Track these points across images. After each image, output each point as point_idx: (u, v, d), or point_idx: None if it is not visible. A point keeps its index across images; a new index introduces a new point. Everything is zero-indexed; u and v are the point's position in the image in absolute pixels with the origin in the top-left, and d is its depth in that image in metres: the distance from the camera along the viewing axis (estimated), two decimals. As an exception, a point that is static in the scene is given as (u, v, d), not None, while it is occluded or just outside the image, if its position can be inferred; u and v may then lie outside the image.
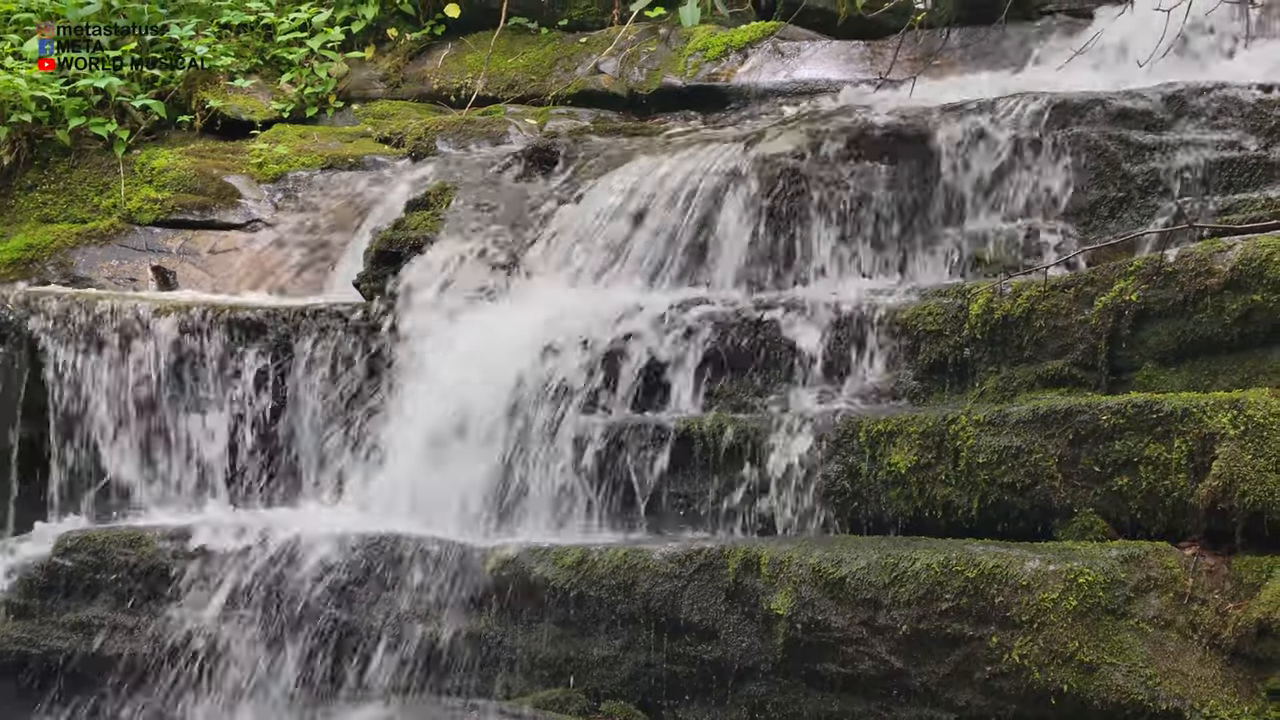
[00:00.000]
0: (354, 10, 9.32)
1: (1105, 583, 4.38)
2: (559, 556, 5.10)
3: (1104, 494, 4.69)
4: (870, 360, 5.40)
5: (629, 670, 5.01)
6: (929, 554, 4.59)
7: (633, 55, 8.62)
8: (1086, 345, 5.05)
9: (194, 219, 8.04)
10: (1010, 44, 7.89)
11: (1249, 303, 4.75)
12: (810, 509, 5.14)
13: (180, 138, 8.68)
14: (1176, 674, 4.32)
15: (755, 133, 6.47)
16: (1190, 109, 5.63)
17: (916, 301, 5.37)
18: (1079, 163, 5.71)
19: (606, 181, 6.53)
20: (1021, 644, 4.41)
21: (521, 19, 9.18)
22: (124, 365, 6.43)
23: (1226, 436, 4.47)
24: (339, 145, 8.43)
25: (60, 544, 5.75)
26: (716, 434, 5.29)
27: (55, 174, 8.42)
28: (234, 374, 6.37)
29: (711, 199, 6.12)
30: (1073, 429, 4.72)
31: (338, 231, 7.75)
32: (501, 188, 6.92)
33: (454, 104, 8.91)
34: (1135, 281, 4.95)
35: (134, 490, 6.39)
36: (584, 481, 5.47)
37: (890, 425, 5.02)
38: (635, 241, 6.15)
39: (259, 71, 9.10)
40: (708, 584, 4.87)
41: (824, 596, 4.67)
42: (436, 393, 5.83)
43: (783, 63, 8.24)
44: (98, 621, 5.63)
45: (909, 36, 7.77)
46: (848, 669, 4.68)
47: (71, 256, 7.91)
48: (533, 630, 5.11)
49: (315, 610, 5.34)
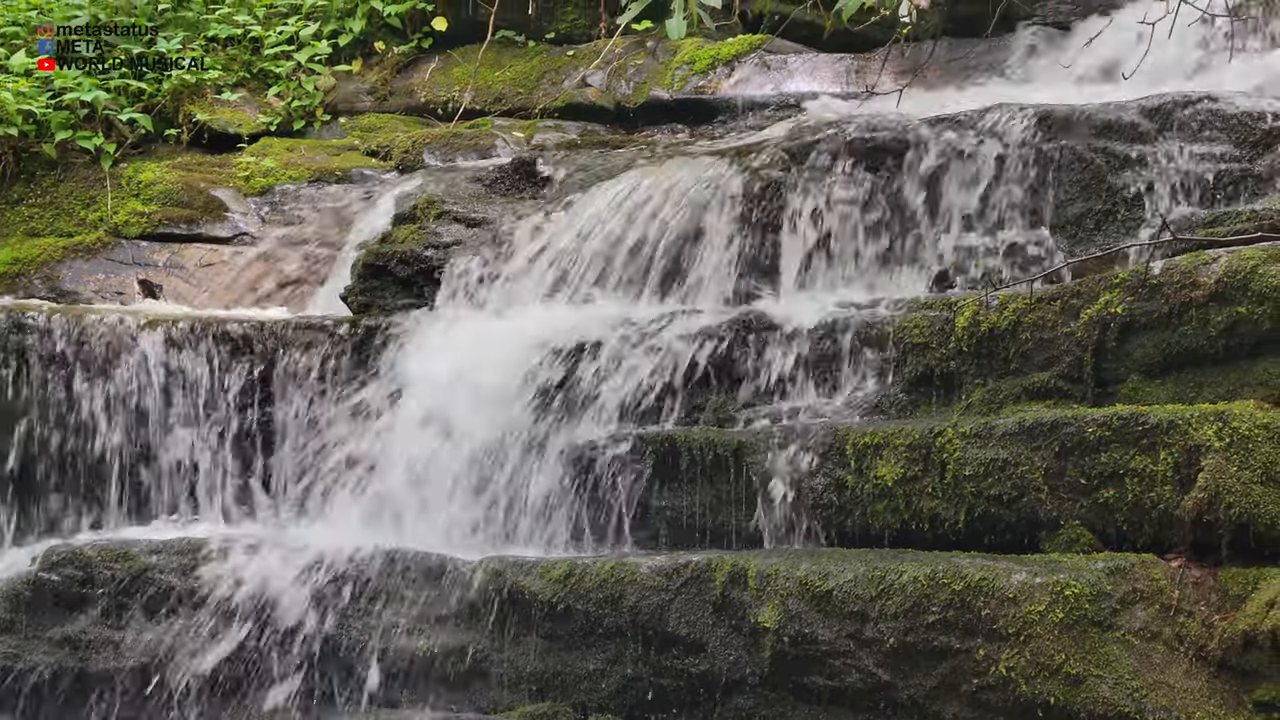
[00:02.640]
0: (341, 24, 9.32)
1: (1091, 595, 4.39)
2: (546, 570, 5.10)
3: (1090, 506, 4.70)
4: (856, 373, 5.41)
5: (616, 684, 5.00)
6: (916, 566, 4.60)
7: (620, 68, 8.63)
8: (1072, 357, 5.06)
9: (181, 232, 8.02)
10: (996, 57, 7.92)
11: (1234, 315, 4.77)
12: (797, 522, 5.15)
13: (167, 151, 8.67)
14: (1163, 686, 4.33)
15: (741, 146, 6.48)
16: (1175, 121, 5.64)
17: (902, 314, 5.38)
18: (1064, 175, 5.72)
19: (594, 194, 6.54)
20: (1008, 656, 4.42)
21: (509, 32, 9.18)
22: (110, 379, 6.42)
23: (1212, 449, 4.49)
24: (326, 158, 8.43)
25: (46, 558, 5.73)
26: (703, 447, 5.29)
27: (41, 187, 8.40)
28: (221, 388, 6.35)
29: (698, 212, 6.13)
30: (1059, 441, 4.73)
31: (325, 245, 7.74)
32: (489, 201, 6.92)
33: (441, 117, 8.91)
34: (1121, 294, 4.97)
35: (121, 504, 6.37)
36: (571, 495, 5.46)
37: (877, 438, 5.03)
38: (621, 255, 6.15)
39: (246, 85, 9.09)
40: (695, 597, 4.87)
41: (811, 609, 4.67)
42: (423, 407, 5.82)
43: (769, 76, 8.25)
44: (84, 636, 5.61)
45: (895, 49, 7.78)
46: (835, 682, 4.68)
47: (58, 270, 7.89)
48: (520, 644, 5.11)
49: (303, 624, 5.34)
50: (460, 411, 5.71)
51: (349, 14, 9.30)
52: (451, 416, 5.72)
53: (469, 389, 5.75)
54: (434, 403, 5.80)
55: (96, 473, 6.40)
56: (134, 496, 6.39)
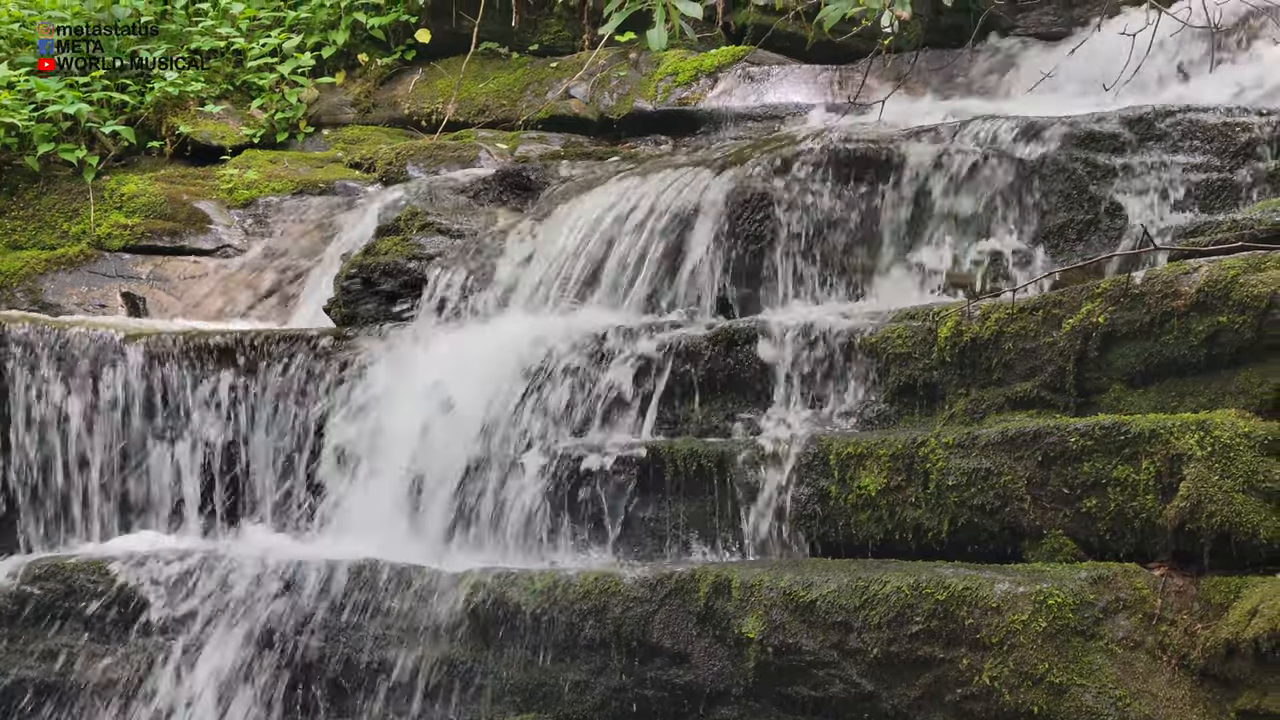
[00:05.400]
0: (324, 36, 9.32)
1: (1074, 604, 4.40)
2: (530, 581, 5.09)
3: (1073, 515, 4.71)
4: (840, 383, 5.41)
5: (600, 695, 4.99)
6: (899, 576, 4.60)
7: (603, 80, 8.64)
8: (1055, 367, 5.06)
9: (164, 245, 8.02)
10: (978, 68, 7.95)
11: (1215, 324, 4.77)
12: (781, 532, 5.15)
13: (150, 163, 8.67)
14: (1146, 695, 4.33)
15: (725, 156, 6.48)
16: (1156, 132, 5.66)
17: (885, 324, 5.38)
18: (1047, 185, 5.73)
19: (577, 205, 6.54)
20: (992, 666, 4.42)
21: (492, 44, 9.19)
22: (93, 392, 6.40)
23: (1194, 457, 4.49)
24: (309, 170, 8.43)
25: (29, 572, 5.71)
26: (687, 458, 5.29)
27: (24, 200, 8.39)
28: (204, 400, 6.34)
29: (682, 223, 6.14)
30: (1041, 451, 4.73)
31: (308, 257, 7.74)
32: (472, 212, 6.92)
33: (425, 129, 8.92)
34: (1103, 303, 4.97)
35: (103, 517, 6.35)
36: (556, 507, 5.46)
37: (860, 448, 5.03)
38: (605, 266, 6.15)
39: (229, 97, 9.10)
40: (679, 608, 4.87)
41: (795, 620, 4.67)
42: (406, 418, 5.82)
43: (753, 87, 8.27)
44: (67, 650, 5.59)
45: (878, 60, 7.81)
46: (819, 692, 4.68)
47: (40, 283, 7.88)
48: (504, 656, 5.10)
49: (285, 637, 5.32)
50: (443, 421, 5.70)
51: (332, 26, 9.31)
52: (434, 427, 5.72)
53: (453, 398, 5.75)
54: (417, 413, 5.80)
55: (79, 485, 6.38)
56: (117, 509, 6.37)
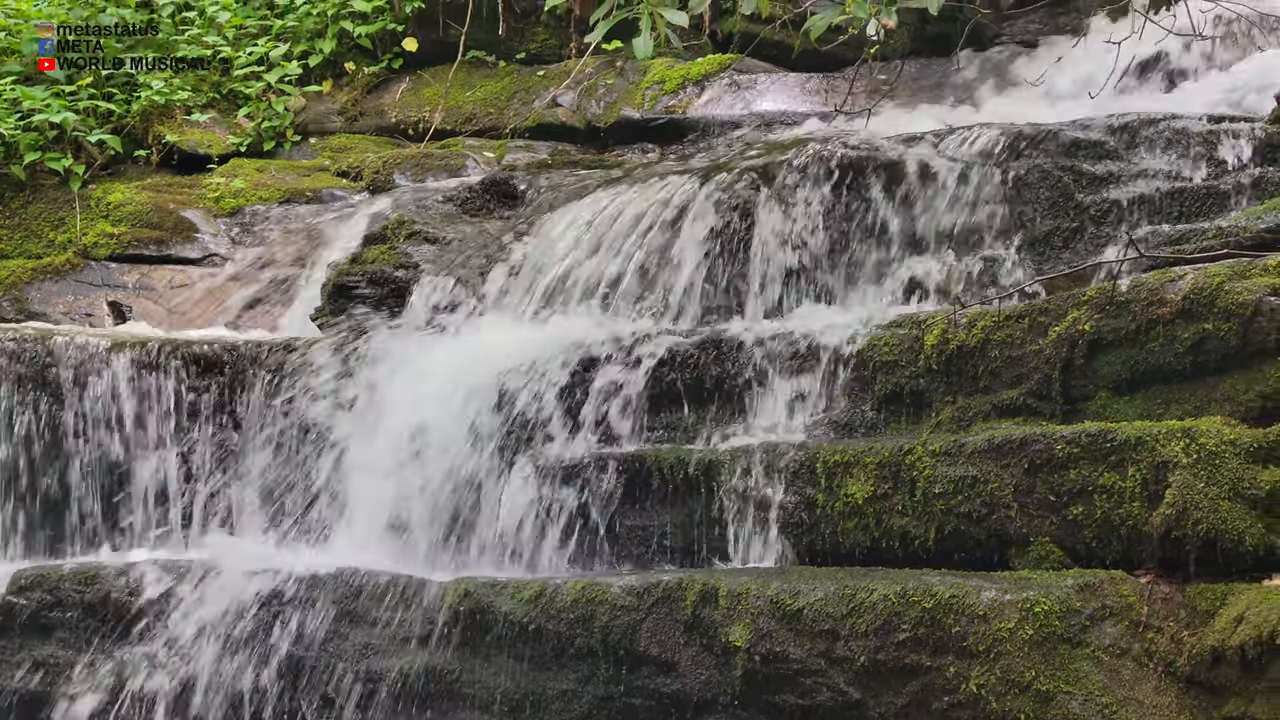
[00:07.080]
0: (311, 44, 9.32)
1: (1061, 611, 4.40)
2: (517, 590, 5.08)
3: (1059, 523, 4.71)
4: (826, 391, 5.41)
5: (588, 704, 4.99)
6: (886, 584, 4.60)
7: (590, 88, 8.65)
8: (1041, 375, 5.07)
9: (151, 254, 8.01)
10: (965, 76, 7.96)
11: (1201, 332, 4.78)
12: (768, 540, 5.15)
13: (137, 172, 8.66)
14: (1132, 702, 4.34)
15: (711, 165, 6.49)
16: (1141, 140, 5.68)
17: (872, 332, 5.39)
18: (1032, 193, 5.75)
19: (564, 214, 6.55)
20: (978, 674, 4.42)
21: (479, 52, 9.19)
22: (80, 401, 6.39)
23: (1180, 465, 4.50)
24: (296, 179, 8.42)
25: (15, 582, 5.70)
26: (673, 467, 5.29)
27: (10, 209, 8.38)
28: (190, 409, 6.33)
29: (668, 231, 6.14)
30: (1028, 458, 4.74)
31: (295, 265, 7.73)
32: (459, 221, 6.92)
33: (412, 137, 8.92)
34: (1088, 311, 4.98)
35: (90, 527, 6.34)
36: (542, 515, 5.46)
37: (847, 456, 5.03)
38: (592, 274, 6.16)
39: (216, 106, 9.08)
40: (666, 616, 4.86)
41: (782, 628, 4.67)
42: (393, 427, 5.81)
43: (739, 95, 8.28)
44: (53, 660, 5.58)
45: (864, 69, 7.82)
46: (806, 700, 4.67)
47: (26, 292, 7.86)
48: (491, 664, 5.10)
49: (272, 646, 5.31)
50: (431, 430, 5.70)
51: (319, 35, 9.30)
52: (422, 436, 5.71)
53: (440, 407, 5.74)
54: (404, 422, 5.79)
55: (66, 495, 6.37)
56: (105, 518, 6.35)
